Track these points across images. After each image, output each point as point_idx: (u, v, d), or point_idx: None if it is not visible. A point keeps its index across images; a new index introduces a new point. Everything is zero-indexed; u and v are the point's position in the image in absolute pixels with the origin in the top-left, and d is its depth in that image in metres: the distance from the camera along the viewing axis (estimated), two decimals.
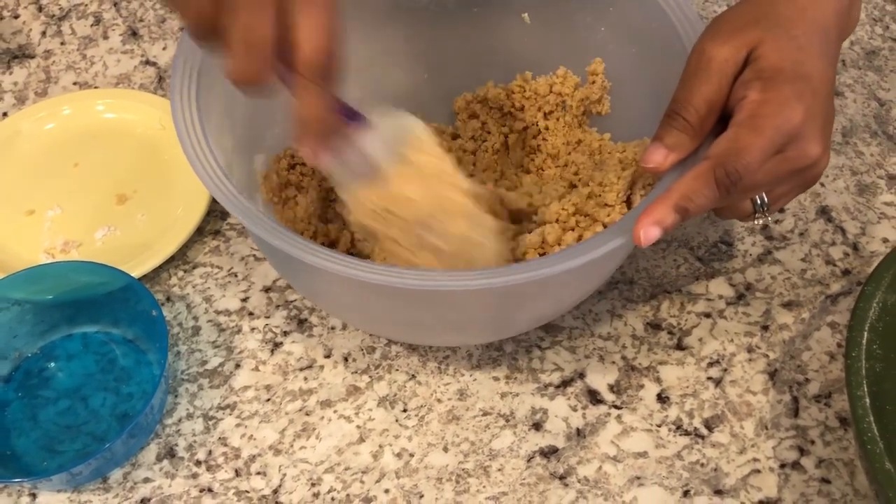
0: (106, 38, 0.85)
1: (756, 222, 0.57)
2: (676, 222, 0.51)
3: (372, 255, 0.62)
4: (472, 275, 0.51)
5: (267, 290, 0.69)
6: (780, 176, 0.53)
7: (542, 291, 0.57)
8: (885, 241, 0.71)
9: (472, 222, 0.54)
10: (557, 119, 0.71)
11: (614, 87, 0.69)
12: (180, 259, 0.70)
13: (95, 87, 0.81)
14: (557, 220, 0.62)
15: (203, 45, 0.43)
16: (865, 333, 0.57)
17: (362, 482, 0.60)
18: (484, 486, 0.60)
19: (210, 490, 0.60)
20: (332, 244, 0.64)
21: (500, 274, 0.51)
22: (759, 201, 0.55)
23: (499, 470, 0.61)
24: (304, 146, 0.47)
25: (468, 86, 0.73)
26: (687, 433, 0.62)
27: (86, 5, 0.88)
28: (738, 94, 0.53)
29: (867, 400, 0.54)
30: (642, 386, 0.64)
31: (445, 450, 0.61)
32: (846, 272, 0.69)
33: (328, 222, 0.66)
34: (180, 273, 0.70)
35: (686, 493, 0.60)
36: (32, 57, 0.84)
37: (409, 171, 0.51)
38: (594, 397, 0.64)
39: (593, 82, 0.70)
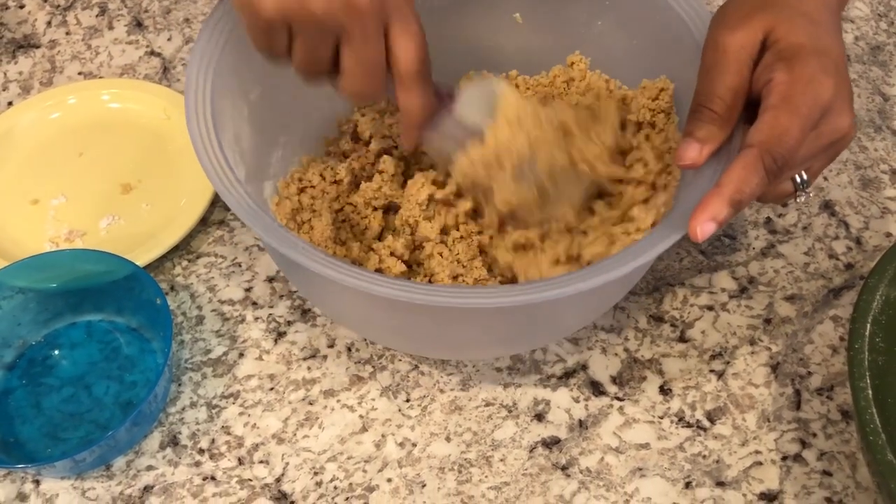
0: (111, 28, 0.85)
1: (797, 200, 0.56)
2: (731, 215, 0.51)
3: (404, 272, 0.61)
4: (538, 286, 0.50)
5: (270, 279, 0.69)
6: (816, 152, 0.53)
7: (593, 295, 0.57)
8: (888, 235, 0.71)
9: (559, 148, 0.59)
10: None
11: (620, 80, 0.69)
12: (184, 248, 0.70)
13: (100, 78, 0.81)
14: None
15: (309, 79, 0.53)
16: (868, 326, 0.57)
17: (365, 471, 0.60)
18: (486, 476, 0.60)
19: (213, 478, 0.60)
20: (353, 263, 0.62)
21: (568, 282, 0.50)
22: (798, 179, 0.55)
23: (501, 460, 0.61)
24: (410, 135, 0.57)
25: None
26: (689, 425, 0.62)
27: None
28: (763, 78, 0.53)
29: (869, 392, 0.54)
30: (645, 378, 0.64)
31: (448, 439, 0.62)
32: (849, 266, 0.69)
33: (343, 244, 0.64)
34: (184, 262, 0.70)
35: (688, 485, 0.60)
36: (38, 47, 0.84)
37: (499, 126, 0.58)
38: (597, 389, 0.64)
39: (571, 64, 0.70)
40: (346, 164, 0.66)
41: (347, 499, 0.59)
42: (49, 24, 0.86)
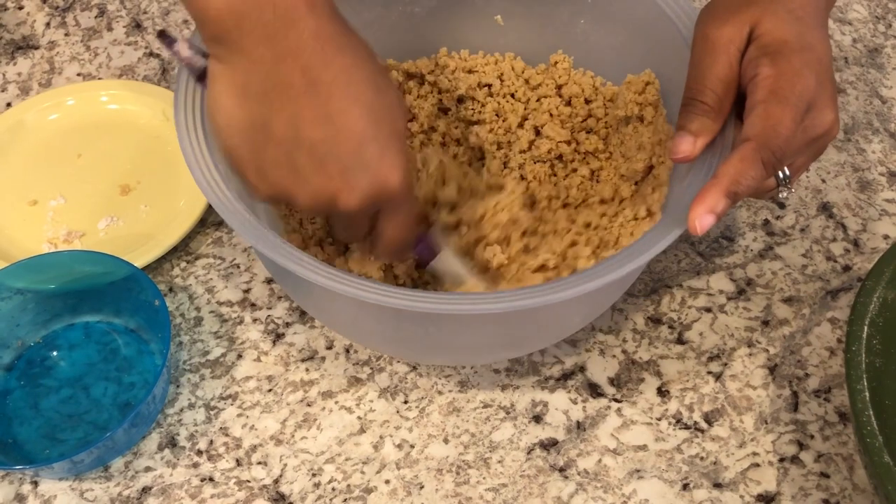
0: (110, 29, 0.85)
1: (781, 195, 0.56)
2: (727, 207, 0.51)
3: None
4: (550, 287, 0.50)
5: (269, 281, 0.69)
6: (800, 146, 0.54)
7: (593, 296, 0.56)
8: (886, 237, 0.71)
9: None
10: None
11: (604, 76, 0.69)
12: (183, 250, 0.70)
13: (99, 79, 0.81)
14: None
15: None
16: (866, 328, 0.57)
17: (363, 473, 0.60)
18: (484, 478, 0.60)
19: (211, 479, 0.60)
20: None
21: (573, 284, 0.50)
22: (781, 175, 0.55)
23: (499, 462, 0.61)
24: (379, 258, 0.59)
25: None
26: (687, 427, 0.62)
27: None
28: (749, 73, 0.53)
29: (867, 394, 0.54)
30: (642, 380, 0.64)
31: (446, 441, 0.62)
32: (847, 268, 0.69)
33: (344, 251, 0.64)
34: (183, 264, 0.70)
35: (685, 487, 0.60)
36: (36, 48, 0.84)
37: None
38: (594, 390, 0.64)
39: (555, 63, 0.70)
40: None
41: (345, 500, 0.59)
42: (48, 25, 0.86)
